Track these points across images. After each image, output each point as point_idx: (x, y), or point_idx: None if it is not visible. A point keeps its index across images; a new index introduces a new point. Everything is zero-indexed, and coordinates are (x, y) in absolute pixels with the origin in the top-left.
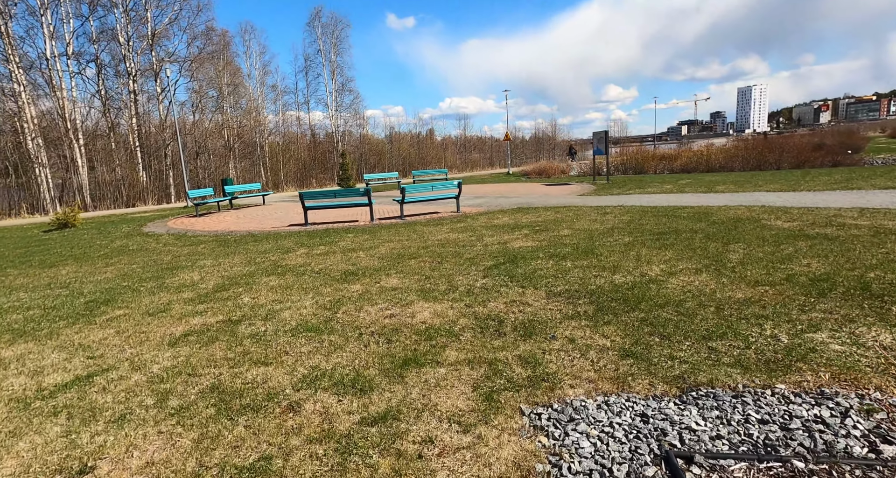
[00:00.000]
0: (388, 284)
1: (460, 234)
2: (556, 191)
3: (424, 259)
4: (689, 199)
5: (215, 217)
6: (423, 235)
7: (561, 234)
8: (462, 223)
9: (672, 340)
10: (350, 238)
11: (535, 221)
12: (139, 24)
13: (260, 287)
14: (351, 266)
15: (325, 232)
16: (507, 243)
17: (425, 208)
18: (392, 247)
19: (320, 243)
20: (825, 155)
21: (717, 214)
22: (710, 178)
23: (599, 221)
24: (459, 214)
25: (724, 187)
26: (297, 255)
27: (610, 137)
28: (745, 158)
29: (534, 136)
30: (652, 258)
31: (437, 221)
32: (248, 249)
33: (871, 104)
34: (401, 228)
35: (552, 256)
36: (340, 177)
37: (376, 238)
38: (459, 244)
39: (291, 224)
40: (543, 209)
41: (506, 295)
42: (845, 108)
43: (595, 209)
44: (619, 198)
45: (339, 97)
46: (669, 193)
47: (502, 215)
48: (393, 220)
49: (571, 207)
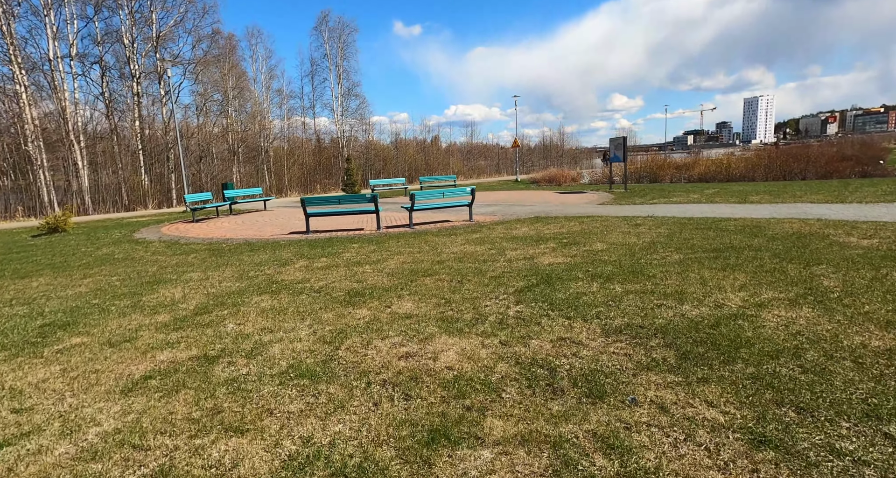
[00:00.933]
0: (401, 310)
1: (478, 246)
2: (572, 199)
3: (441, 277)
4: (725, 210)
5: (213, 223)
6: (436, 248)
7: (595, 248)
8: (478, 234)
9: (817, 417)
10: (355, 249)
11: (560, 233)
12: (144, 26)
13: (249, 310)
14: (356, 284)
15: (327, 241)
16: (534, 259)
17: (435, 216)
18: (402, 261)
19: (322, 255)
20: (853, 165)
21: (772, 227)
22: (737, 187)
23: (634, 234)
24: (473, 224)
25: (758, 198)
26: (295, 268)
27: None
28: (768, 167)
29: (540, 143)
30: (722, 283)
31: (450, 230)
32: (242, 260)
33: (880, 116)
34: (410, 238)
35: (594, 276)
36: (345, 182)
37: (384, 250)
38: (479, 259)
39: (292, 232)
40: (565, 219)
41: (549, 329)
42: (853, 119)
43: (623, 220)
44: (644, 208)
45: (345, 102)
46: (698, 202)
47: (521, 225)
48: (401, 229)
49: (596, 217)
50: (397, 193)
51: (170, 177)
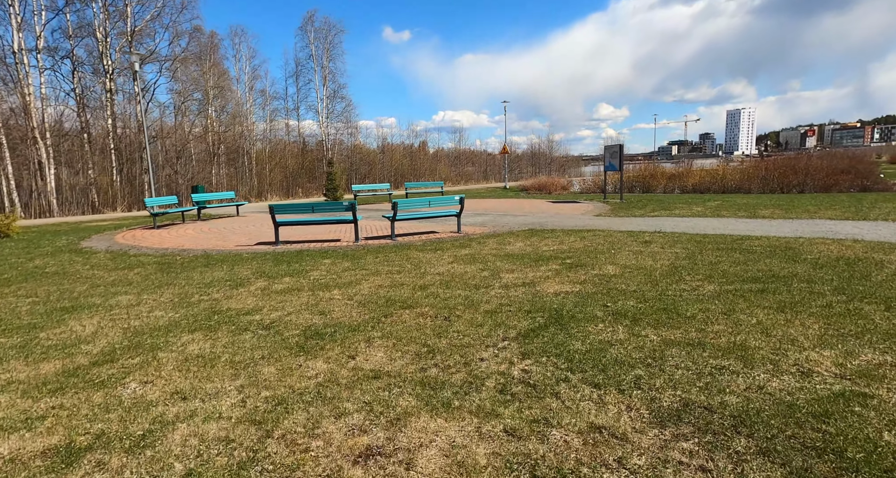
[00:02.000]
0: (369, 363)
1: (468, 265)
2: (566, 209)
3: (424, 310)
4: (739, 226)
5: (175, 230)
6: (419, 266)
7: (606, 272)
8: (467, 249)
9: None
10: (326, 266)
11: (562, 251)
12: (118, 20)
13: (168, 358)
14: (318, 317)
15: (296, 255)
16: (535, 285)
17: (420, 227)
18: (379, 283)
19: (286, 273)
20: (852, 179)
21: (806, 250)
22: (740, 200)
23: (648, 255)
24: (461, 236)
25: (768, 212)
26: (250, 291)
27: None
28: (764, 179)
29: (528, 150)
30: (789, 331)
31: (436, 243)
32: (191, 278)
33: (856, 131)
34: (391, 253)
35: (615, 315)
36: (327, 187)
37: (360, 268)
38: (470, 284)
39: (260, 242)
40: (563, 233)
41: (574, 408)
42: (831, 133)
43: (629, 236)
44: (646, 221)
45: (331, 104)
46: (703, 216)
47: (515, 239)
48: (382, 241)
49: (597, 232)
50: (381, 199)
51: (143, 178)
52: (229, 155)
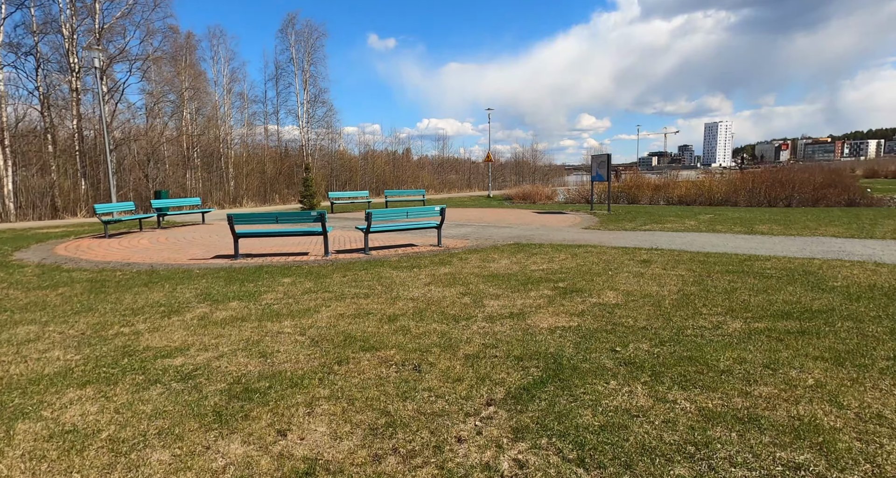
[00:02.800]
0: (303, 447)
1: (447, 288)
2: (553, 221)
3: (389, 353)
4: (739, 243)
5: (128, 240)
6: (391, 288)
7: (606, 301)
8: (447, 267)
9: None
10: (285, 287)
11: (552, 271)
12: (86, 17)
13: (25, 436)
14: (255, 362)
15: (254, 272)
16: (525, 318)
17: (397, 239)
18: (341, 312)
19: (236, 296)
20: (839, 193)
21: (828, 274)
22: (732, 213)
23: (650, 277)
24: (441, 250)
25: (766, 228)
26: (183, 321)
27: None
28: (751, 191)
29: (512, 159)
30: (869, 402)
31: (413, 259)
32: (120, 302)
33: (827, 145)
34: (362, 270)
35: (629, 366)
36: (303, 194)
37: (323, 289)
38: (448, 313)
39: (218, 255)
40: (552, 248)
41: None
42: (803, 148)
43: (624, 253)
44: (638, 235)
45: (311, 109)
46: (698, 231)
47: (500, 256)
48: (354, 254)
49: (589, 248)
50: (360, 207)
51: (111, 181)
52: (205, 159)
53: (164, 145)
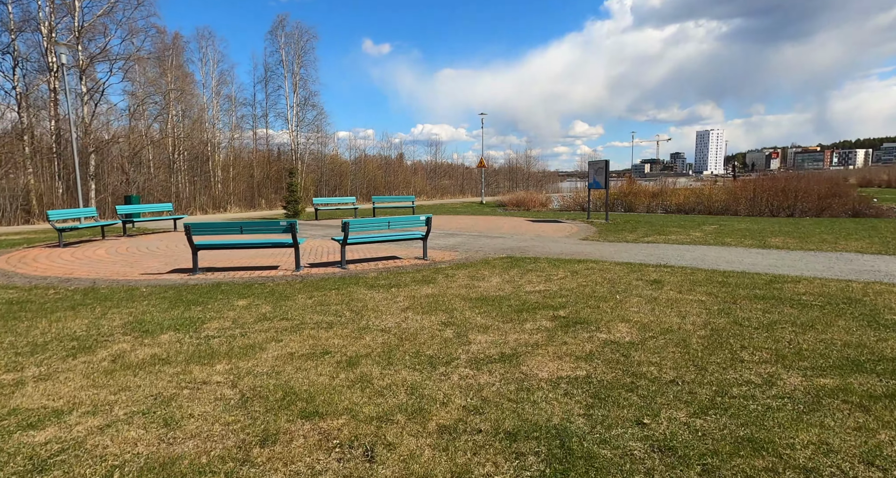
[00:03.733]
0: None
1: (427, 316)
2: (548, 230)
3: (336, 424)
4: (756, 259)
5: (84, 250)
6: (360, 315)
7: (619, 337)
8: (430, 287)
9: None
10: (236, 312)
11: (550, 293)
12: (66, 15)
13: None
14: (151, 438)
15: (208, 291)
16: (520, 363)
17: (380, 250)
18: (292, 351)
19: (173, 324)
20: (844, 202)
21: (881, 304)
22: (738, 224)
23: (666, 304)
24: (427, 263)
25: (779, 241)
26: (90, 364)
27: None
28: (753, 200)
29: (506, 165)
30: None
31: (393, 275)
32: (27, 333)
33: (816, 154)
34: (333, 289)
35: (668, 454)
36: (288, 200)
37: (280, 316)
38: (423, 355)
39: (176, 269)
40: (549, 263)
41: None
42: (793, 156)
43: (630, 270)
44: (641, 248)
45: (301, 112)
46: (706, 244)
47: (490, 272)
48: (329, 269)
49: (590, 263)
50: (346, 213)
51: (90, 185)
52: (192, 163)
53: (149, 148)
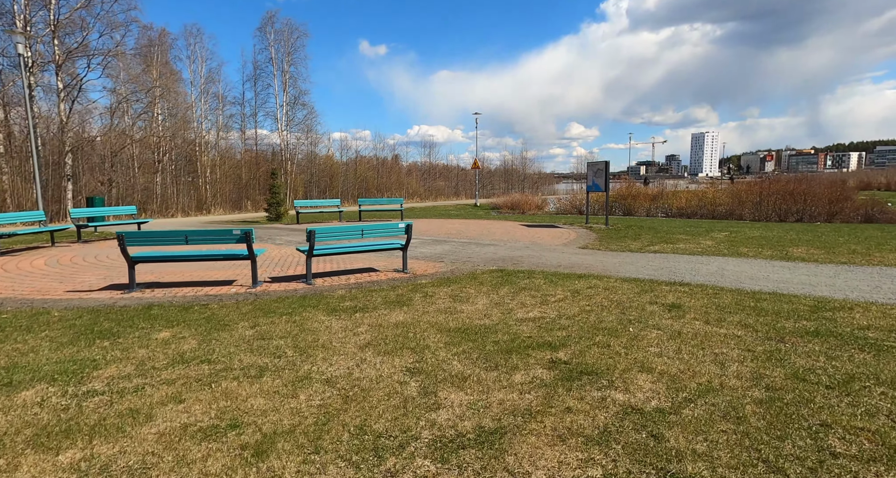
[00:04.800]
0: None
1: (389, 358)
2: (544, 236)
3: None
4: (784, 275)
5: (19, 259)
6: (305, 357)
7: (643, 401)
8: (403, 311)
9: None
10: (149, 349)
11: (546, 322)
12: (42, 9)
13: None
14: None
15: (132, 317)
16: (504, 451)
17: (356, 261)
18: (189, 419)
19: (56, 369)
20: (856, 207)
21: None
22: (749, 231)
23: (692, 341)
24: (406, 278)
25: (802, 251)
26: None
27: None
28: (760, 204)
29: (501, 167)
30: None
31: (363, 294)
32: None
33: (810, 157)
34: (283, 315)
35: None
36: (269, 202)
37: (201, 357)
38: (369, 432)
39: (112, 285)
40: (545, 279)
41: None
42: (787, 159)
43: (640, 289)
44: (648, 259)
45: (291, 111)
46: (718, 254)
47: (477, 291)
48: (293, 284)
49: (592, 279)
50: (332, 216)
51: (66, 186)
52: (178, 163)
53: (132, 147)
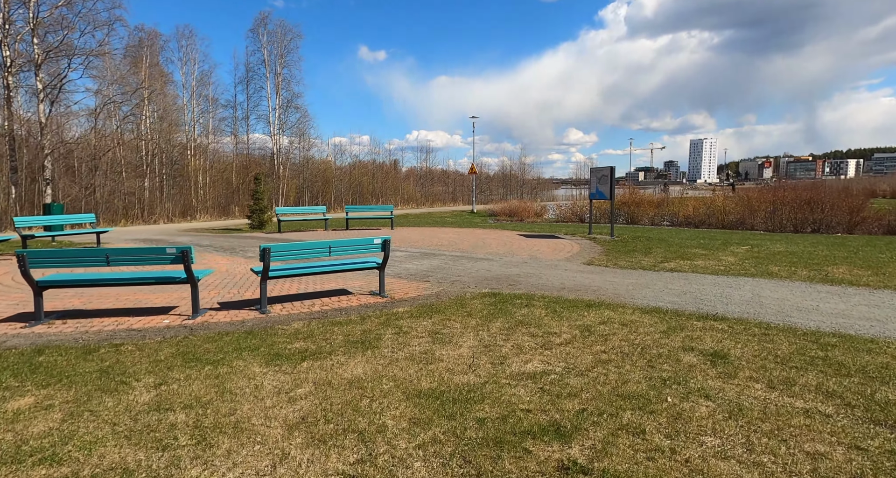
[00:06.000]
0: None
1: (318, 454)
2: (544, 249)
3: None
4: (836, 305)
5: None
6: (204, 446)
7: None
8: (365, 358)
9: None
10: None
11: (550, 382)
12: (20, 6)
13: None
14: None
15: (8, 368)
16: None
17: (328, 281)
18: None
19: None
20: (878, 217)
21: None
22: (772, 244)
23: (763, 427)
24: (382, 304)
25: (843, 272)
26: None
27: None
28: (773, 213)
29: (500, 172)
30: None
31: (322, 330)
32: None
33: (808, 164)
34: (206, 365)
35: None
36: (252, 209)
37: (51, 444)
38: None
39: (22, 314)
40: (546, 307)
41: None
42: (785, 165)
43: (666, 327)
44: (665, 279)
45: (284, 114)
46: (745, 274)
47: (464, 326)
48: (242, 313)
49: (603, 309)
50: (317, 225)
51: (45, 190)
52: (165, 167)
53: (118, 150)
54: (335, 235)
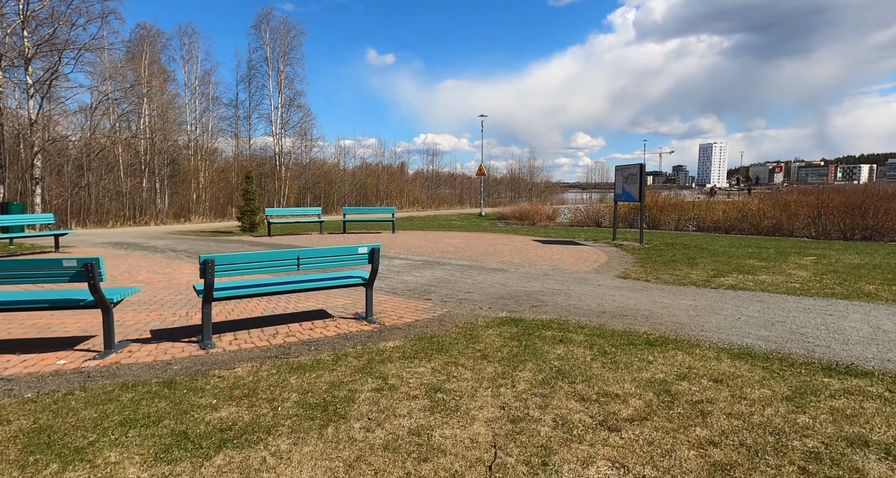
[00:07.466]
0: None
1: None
2: (566, 258)
3: None
4: None
5: None
6: None
7: None
8: (318, 450)
9: None
10: None
11: None
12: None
13: None
14: None
15: None
16: None
17: (304, 300)
18: None
19: None
20: None
21: None
22: (840, 254)
23: None
24: (367, 333)
25: None
26: None
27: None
28: (819, 218)
29: (508, 175)
30: None
31: (272, 382)
32: None
33: (820, 169)
34: (53, 460)
35: None
36: (243, 211)
37: None
38: None
39: None
40: (588, 343)
41: None
42: (797, 170)
43: (787, 387)
44: (732, 301)
45: (287, 114)
46: (829, 294)
47: (476, 379)
48: (179, 346)
49: (671, 350)
50: (312, 228)
51: (34, 190)
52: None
53: (114, 149)
54: (328, 240)
